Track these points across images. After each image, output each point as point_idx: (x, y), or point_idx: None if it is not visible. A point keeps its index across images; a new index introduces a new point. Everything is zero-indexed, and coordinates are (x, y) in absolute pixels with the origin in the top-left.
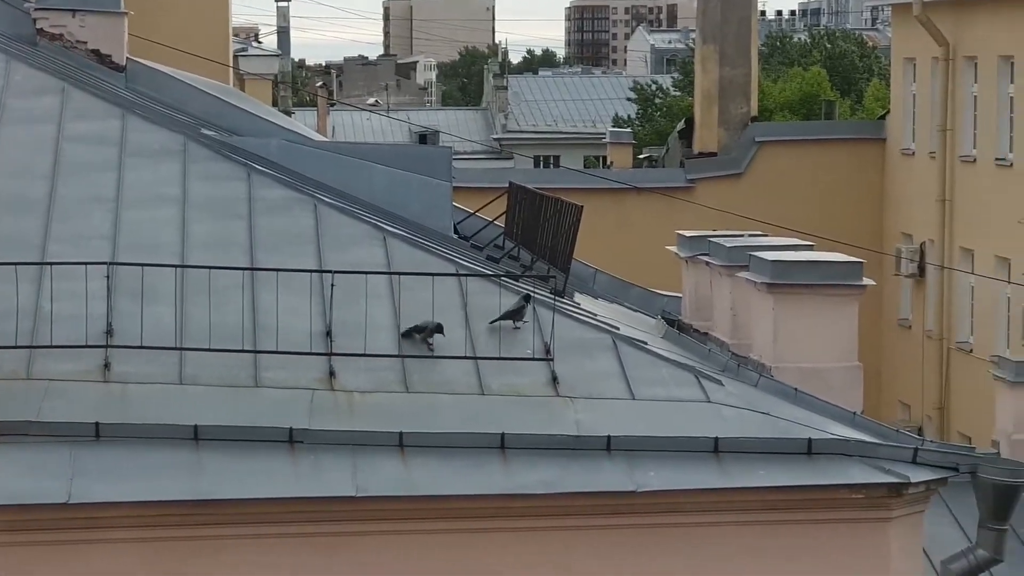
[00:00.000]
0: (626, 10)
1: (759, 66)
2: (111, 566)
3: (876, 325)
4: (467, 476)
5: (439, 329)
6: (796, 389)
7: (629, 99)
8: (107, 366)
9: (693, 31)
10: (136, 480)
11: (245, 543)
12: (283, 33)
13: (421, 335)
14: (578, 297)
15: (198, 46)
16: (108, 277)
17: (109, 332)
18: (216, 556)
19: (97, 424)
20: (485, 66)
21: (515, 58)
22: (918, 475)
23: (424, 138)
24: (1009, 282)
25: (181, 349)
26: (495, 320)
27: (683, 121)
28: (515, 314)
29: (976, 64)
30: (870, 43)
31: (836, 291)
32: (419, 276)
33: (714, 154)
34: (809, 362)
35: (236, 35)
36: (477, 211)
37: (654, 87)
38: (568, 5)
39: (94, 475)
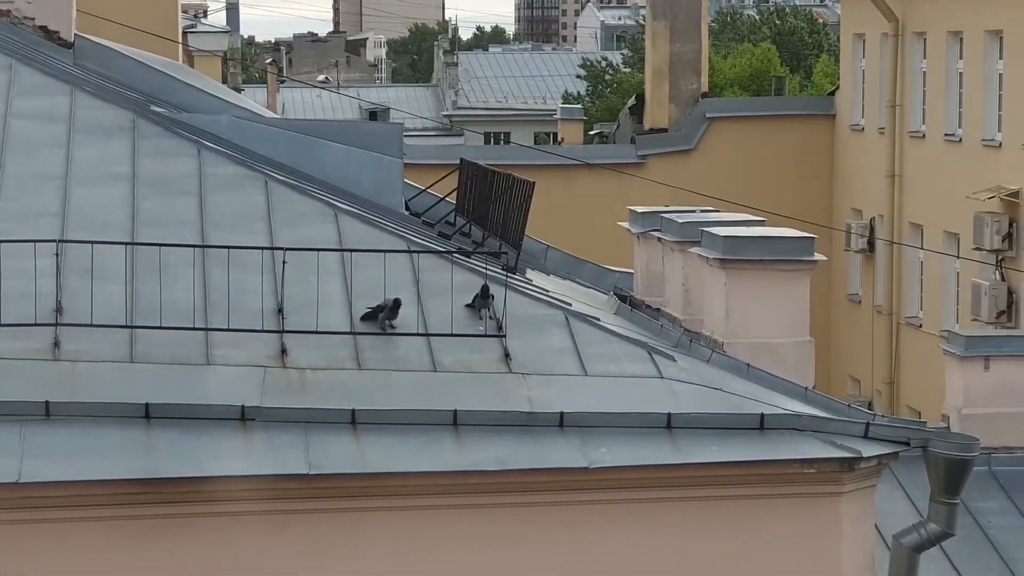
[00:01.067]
0: None
1: (709, 42)
2: (62, 545)
3: (826, 300)
4: (420, 453)
5: (397, 305)
6: (748, 364)
7: (579, 76)
8: (57, 344)
9: (643, 7)
10: (87, 459)
11: (197, 522)
12: (232, 9)
13: (381, 314)
14: (530, 274)
15: (147, 22)
16: (57, 255)
17: (59, 310)
18: (168, 535)
19: (47, 403)
20: (435, 43)
21: (465, 34)
22: (870, 450)
23: (374, 115)
24: (958, 257)
25: (132, 327)
26: (470, 303)
27: (634, 97)
28: (477, 300)
29: (925, 40)
30: (819, 19)
31: (788, 266)
32: (371, 253)
33: (665, 130)
34: (761, 337)
35: (185, 11)
36: (428, 188)
37: (604, 64)
38: None
39: (44, 454)
